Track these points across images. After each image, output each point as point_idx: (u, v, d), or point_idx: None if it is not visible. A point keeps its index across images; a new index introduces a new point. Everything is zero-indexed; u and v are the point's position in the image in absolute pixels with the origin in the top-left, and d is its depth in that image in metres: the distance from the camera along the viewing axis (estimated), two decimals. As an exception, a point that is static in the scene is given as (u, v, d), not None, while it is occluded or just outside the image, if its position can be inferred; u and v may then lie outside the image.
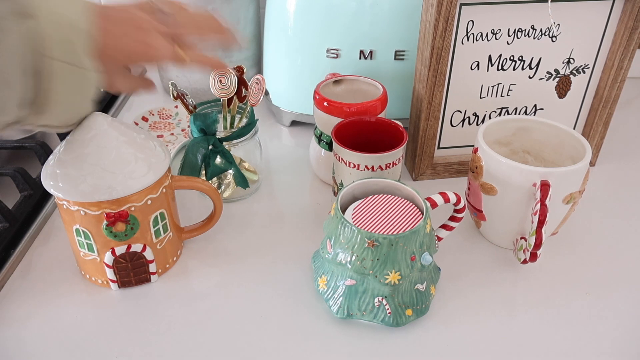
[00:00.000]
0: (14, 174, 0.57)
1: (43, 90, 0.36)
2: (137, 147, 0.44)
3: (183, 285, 0.49)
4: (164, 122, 0.74)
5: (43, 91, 0.36)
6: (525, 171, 0.46)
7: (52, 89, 0.36)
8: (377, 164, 0.51)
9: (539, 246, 0.45)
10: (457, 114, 0.62)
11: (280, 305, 0.47)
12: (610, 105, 0.62)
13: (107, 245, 0.45)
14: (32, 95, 0.36)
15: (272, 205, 0.60)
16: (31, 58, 0.35)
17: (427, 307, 0.45)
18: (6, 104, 0.35)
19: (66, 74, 0.36)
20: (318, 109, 0.59)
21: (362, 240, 0.41)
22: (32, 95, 0.36)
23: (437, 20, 0.53)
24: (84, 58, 0.37)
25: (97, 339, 0.44)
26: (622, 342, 0.44)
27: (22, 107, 0.36)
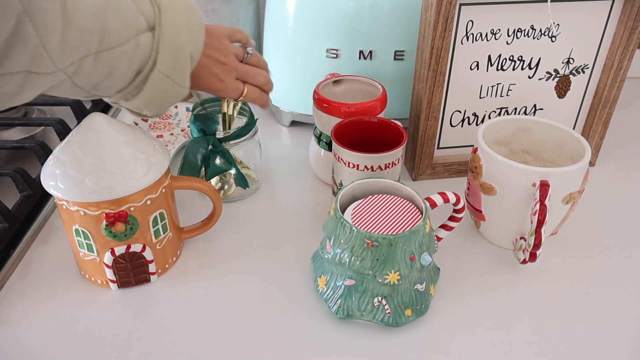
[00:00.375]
0: (13, 174, 0.57)
1: (138, 87, 0.42)
2: (136, 147, 0.44)
3: (183, 285, 0.49)
4: (163, 122, 0.74)
5: (138, 87, 0.42)
6: (524, 171, 0.46)
7: (145, 89, 0.42)
8: (377, 164, 0.51)
9: (539, 246, 0.45)
10: (456, 114, 0.62)
11: (280, 305, 0.47)
12: (610, 105, 0.62)
13: (107, 246, 0.45)
14: (128, 86, 0.42)
15: (272, 206, 0.60)
16: (146, 66, 0.41)
17: (426, 307, 0.45)
18: (108, 91, 0.42)
19: (161, 83, 0.42)
20: (318, 109, 0.59)
21: (362, 240, 0.41)
22: (128, 87, 0.42)
23: (437, 20, 0.53)
24: (184, 79, 0.44)
25: (97, 339, 0.44)
26: (622, 342, 0.44)
27: (117, 92, 0.43)
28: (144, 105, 0.44)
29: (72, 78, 0.37)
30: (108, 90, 0.42)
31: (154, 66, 0.41)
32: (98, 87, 0.40)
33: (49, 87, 0.37)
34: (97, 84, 0.40)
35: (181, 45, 0.42)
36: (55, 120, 0.67)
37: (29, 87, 0.36)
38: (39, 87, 0.36)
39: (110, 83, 0.40)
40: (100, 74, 0.39)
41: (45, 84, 0.37)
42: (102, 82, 0.40)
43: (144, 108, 0.44)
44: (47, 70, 0.35)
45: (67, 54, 0.36)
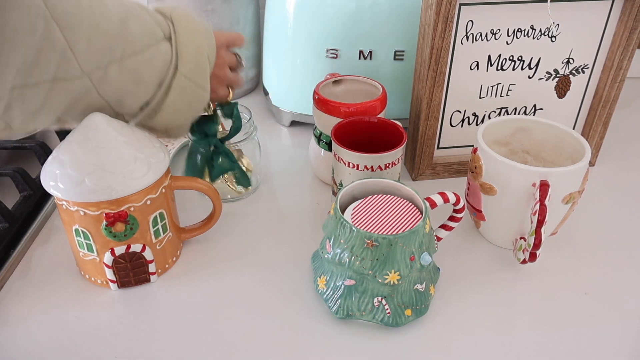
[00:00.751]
0: (13, 174, 0.57)
1: (161, 99, 0.43)
2: (136, 147, 0.44)
3: (182, 285, 0.49)
4: (163, 122, 0.73)
5: (161, 99, 0.43)
6: (524, 171, 0.46)
7: (170, 99, 0.43)
8: (377, 164, 0.51)
9: (538, 246, 0.45)
10: (456, 114, 0.62)
11: (280, 305, 0.47)
12: (610, 105, 0.62)
13: (107, 246, 0.45)
14: (151, 100, 0.42)
15: (272, 206, 0.60)
16: (168, 72, 0.42)
17: (426, 307, 0.45)
18: (133, 105, 0.42)
19: (185, 88, 0.43)
20: (317, 109, 0.59)
21: (362, 240, 0.41)
22: (151, 100, 0.42)
23: (437, 20, 0.53)
24: (205, 81, 0.45)
25: (97, 339, 0.44)
26: (622, 342, 0.44)
27: (140, 108, 0.43)
28: (170, 117, 0.44)
29: (98, 87, 0.38)
30: (133, 105, 0.42)
31: (176, 71, 0.42)
32: (122, 101, 0.41)
33: (73, 98, 0.37)
34: (121, 97, 0.40)
35: (199, 47, 0.44)
36: (55, 120, 0.67)
37: (53, 99, 0.36)
38: (63, 97, 0.37)
39: (135, 95, 0.41)
40: (124, 82, 0.39)
41: (70, 94, 0.37)
42: (126, 94, 0.40)
43: (170, 122, 0.45)
44: (74, 74, 0.36)
45: (94, 57, 0.37)
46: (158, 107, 0.43)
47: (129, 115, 0.44)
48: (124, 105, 0.42)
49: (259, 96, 0.84)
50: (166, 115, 0.44)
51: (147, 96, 0.42)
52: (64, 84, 0.36)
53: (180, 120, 0.46)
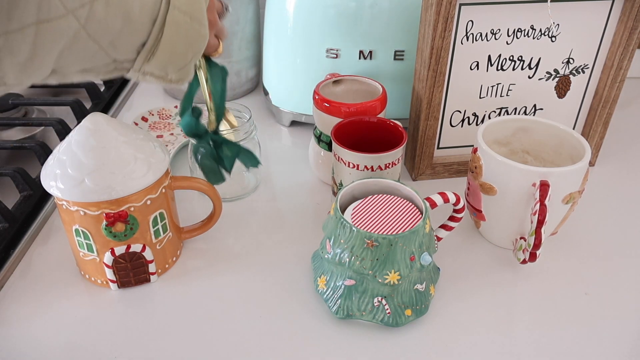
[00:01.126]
0: (13, 174, 0.57)
1: (157, 37, 0.39)
2: (136, 147, 0.44)
3: (183, 285, 0.49)
4: (163, 122, 0.74)
5: (156, 38, 0.39)
6: (524, 171, 0.46)
7: (166, 36, 0.39)
8: (377, 164, 0.51)
9: (539, 246, 0.45)
10: (456, 114, 0.62)
11: (280, 305, 0.47)
12: (610, 105, 0.62)
13: (107, 246, 0.45)
14: (147, 40, 0.39)
15: (272, 205, 0.60)
16: (162, 7, 0.38)
17: (426, 307, 0.45)
18: (128, 47, 0.39)
19: (182, 24, 0.40)
20: (317, 109, 0.59)
21: (362, 240, 0.41)
22: (147, 40, 0.39)
23: (437, 20, 0.53)
24: (202, 15, 0.41)
25: (97, 339, 0.44)
26: (622, 342, 0.44)
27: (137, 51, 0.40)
28: (168, 58, 0.41)
29: (86, 27, 0.35)
30: (128, 47, 0.39)
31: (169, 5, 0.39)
32: (116, 43, 0.38)
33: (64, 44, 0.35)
34: (113, 39, 0.37)
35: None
36: (55, 120, 0.67)
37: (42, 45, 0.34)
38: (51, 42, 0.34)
39: (128, 35, 0.38)
40: (113, 19, 0.36)
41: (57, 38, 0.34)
42: (118, 34, 0.37)
43: (169, 64, 0.41)
44: (58, 13, 0.33)
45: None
46: (155, 47, 0.40)
47: (127, 61, 0.41)
48: (118, 48, 0.38)
49: (259, 96, 0.84)
50: (164, 56, 0.40)
51: (141, 36, 0.39)
52: (49, 25, 0.33)
53: (180, 61, 0.42)
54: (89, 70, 0.40)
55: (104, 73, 0.41)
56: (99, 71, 0.40)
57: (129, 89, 0.86)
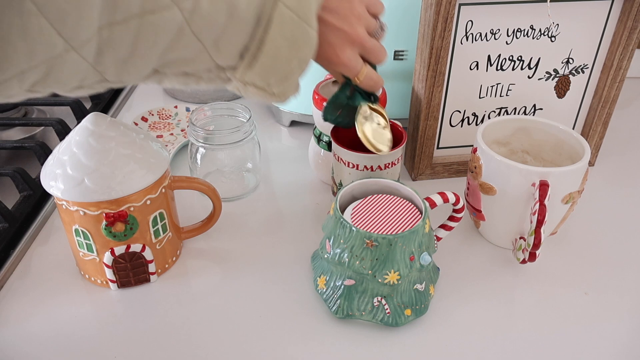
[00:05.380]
0: (13, 174, 0.57)
1: (260, 39, 0.36)
2: (136, 147, 0.44)
3: (182, 285, 0.49)
4: (163, 122, 0.74)
5: (260, 39, 0.36)
6: (524, 171, 0.46)
7: (269, 37, 0.36)
8: (376, 164, 0.51)
9: (538, 246, 0.45)
10: (456, 114, 0.62)
11: (280, 305, 0.47)
12: (610, 105, 0.62)
13: (107, 246, 0.45)
14: (250, 42, 0.37)
15: (272, 205, 0.60)
16: (269, 4, 0.36)
17: (426, 307, 0.45)
18: (231, 49, 0.36)
19: (288, 24, 0.37)
20: (317, 109, 0.59)
21: (361, 240, 0.41)
22: (250, 43, 0.37)
23: (436, 20, 0.53)
24: (311, 14, 0.38)
25: (97, 339, 0.44)
26: (621, 342, 0.44)
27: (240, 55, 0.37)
28: (271, 63, 0.38)
29: (190, 22, 0.33)
30: (231, 48, 0.36)
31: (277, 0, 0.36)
32: (219, 43, 0.36)
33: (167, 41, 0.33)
34: (217, 37, 0.35)
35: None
36: (55, 120, 0.67)
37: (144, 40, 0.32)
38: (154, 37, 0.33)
39: (231, 33, 0.35)
40: (218, 14, 0.34)
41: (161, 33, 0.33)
42: (222, 31, 0.35)
43: (272, 71, 0.38)
44: (162, 5, 0.32)
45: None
46: (258, 51, 0.37)
47: (229, 68, 0.38)
48: (221, 48, 0.36)
49: (259, 96, 0.84)
50: (267, 61, 0.37)
51: (244, 35, 0.36)
52: (153, 18, 0.32)
53: (284, 68, 0.39)
54: (190, 75, 0.38)
55: (205, 80, 0.39)
56: (200, 77, 0.38)
57: (128, 89, 0.86)
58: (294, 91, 0.42)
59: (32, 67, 0.30)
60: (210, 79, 0.39)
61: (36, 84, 0.31)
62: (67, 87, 0.33)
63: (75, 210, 0.43)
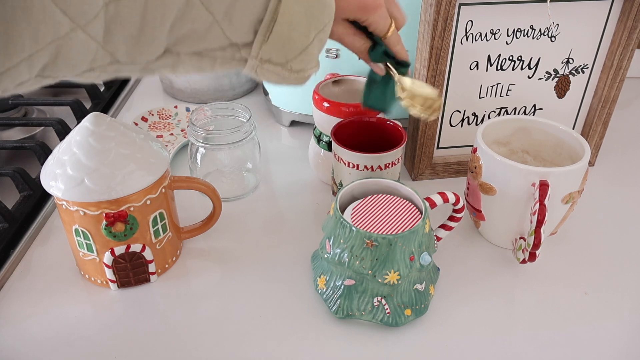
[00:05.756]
0: (13, 174, 0.57)
1: (274, 8, 0.35)
2: (136, 147, 0.44)
3: (182, 285, 0.49)
4: (163, 122, 0.74)
5: (274, 9, 0.35)
6: (524, 171, 0.46)
7: (284, 6, 0.35)
8: (377, 164, 0.51)
9: (538, 246, 0.45)
10: (456, 114, 0.62)
11: (280, 305, 0.47)
12: (610, 105, 0.62)
13: (107, 246, 0.45)
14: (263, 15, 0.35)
15: (272, 205, 0.60)
16: None
17: (426, 307, 0.45)
18: (244, 21, 0.35)
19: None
20: (317, 109, 0.59)
21: (361, 240, 0.41)
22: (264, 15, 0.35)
23: (436, 20, 0.53)
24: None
25: (97, 339, 0.44)
26: (621, 342, 0.44)
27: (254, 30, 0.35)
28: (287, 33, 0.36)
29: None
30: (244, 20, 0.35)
31: None
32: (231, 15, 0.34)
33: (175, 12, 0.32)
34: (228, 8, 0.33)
35: None
36: (55, 120, 0.67)
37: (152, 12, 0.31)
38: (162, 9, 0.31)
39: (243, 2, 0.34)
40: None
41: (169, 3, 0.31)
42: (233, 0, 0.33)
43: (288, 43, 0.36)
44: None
45: None
46: (273, 22, 0.35)
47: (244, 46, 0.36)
48: (233, 21, 0.34)
49: (259, 96, 0.85)
50: (283, 30, 0.35)
51: (257, 7, 0.34)
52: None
53: (301, 39, 0.37)
54: (203, 57, 0.36)
55: (220, 62, 0.37)
56: (215, 58, 0.36)
57: (128, 89, 0.86)
58: (314, 68, 0.40)
59: (39, 50, 0.29)
60: (225, 59, 0.37)
61: (46, 67, 0.30)
62: (78, 70, 0.32)
63: (75, 210, 0.43)
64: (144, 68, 0.35)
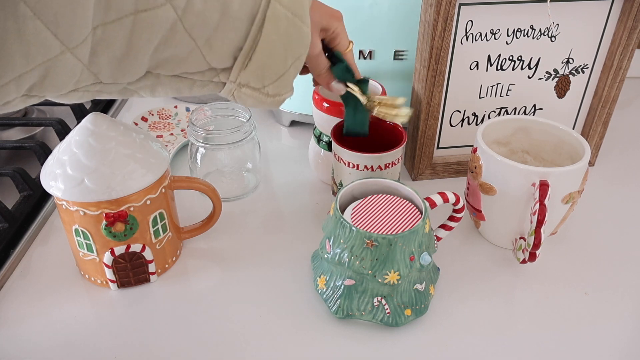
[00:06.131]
0: (13, 174, 0.57)
1: (254, 37, 0.36)
2: (136, 147, 0.44)
3: (182, 285, 0.49)
4: (163, 122, 0.74)
5: (254, 38, 0.36)
6: (524, 171, 0.46)
7: (264, 35, 0.36)
8: (377, 164, 0.51)
9: (538, 246, 0.45)
10: (456, 114, 0.62)
11: (280, 305, 0.47)
12: (610, 105, 0.62)
13: (107, 246, 0.45)
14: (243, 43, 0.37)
15: (272, 206, 0.60)
16: (263, 2, 0.36)
17: (426, 307, 0.45)
18: (224, 49, 0.36)
19: (282, 21, 0.37)
20: (317, 109, 0.59)
21: (361, 240, 0.41)
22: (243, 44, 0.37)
23: (436, 20, 0.53)
24: (304, 11, 0.38)
25: (96, 339, 0.44)
26: (621, 342, 0.44)
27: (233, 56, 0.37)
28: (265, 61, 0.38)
29: (183, 18, 0.33)
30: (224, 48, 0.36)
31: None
32: (212, 42, 0.35)
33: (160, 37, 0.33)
34: (210, 35, 0.35)
35: None
36: (55, 120, 0.67)
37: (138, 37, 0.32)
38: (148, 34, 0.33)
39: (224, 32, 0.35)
40: (211, 12, 0.34)
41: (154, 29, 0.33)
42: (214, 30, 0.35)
43: (266, 69, 0.38)
44: (155, 3, 0.32)
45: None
46: (252, 51, 0.37)
47: (223, 71, 0.38)
48: (214, 47, 0.36)
49: (259, 96, 0.84)
50: (262, 58, 0.37)
51: (238, 35, 0.36)
52: (146, 15, 0.32)
53: (279, 66, 0.39)
54: (183, 79, 0.38)
55: (198, 85, 0.39)
56: (193, 81, 0.38)
57: (128, 89, 0.86)
58: (288, 92, 0.42)
59: (29, 70, 0.29)
60: (203, 82, 0.39)
61: (33, 87, 0.31)
62: (63, 90, 0.33)
63: (75, 210, 0.43)
64: (124, 89, 0.36)
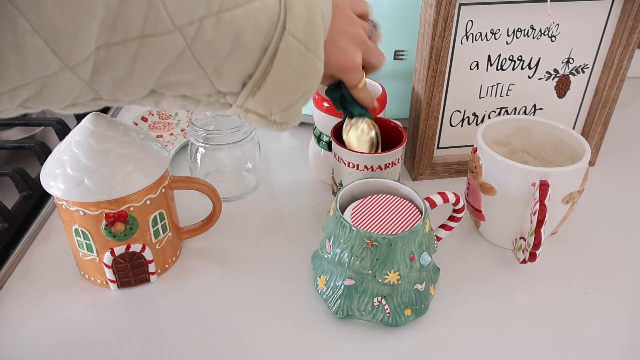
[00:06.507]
0: (13, 174, 0.57)
1: (265, 68, 0.35)
2: (136, 147, 0.44)
3: (182, 285, 0.49)
4: (163, 122, 0.74)
5: (265, 69, 0.35)
6: (524, 171, 0.46)
7: (275, 67, 0.35)
8: (377, 163, 0.51)
9: (538, 246, 0.45)
10: (456, 114, 0.62)
11: (279, 305, 0.47)
12: (610, 105, 0.62)
13: (106, 246, 0.45)
14: (254, 72, 0.36)
15: (272, 206, 0.60)
16: (276, 34, 0.35)
17: (426, 307, 0.45)
18: (233, 77, 0.35)
19: (295, 54, 0.36)
20: (317, 109, 0.59)
21: (361, 240, 0.41)
22: (254, 72, 0.36)
23: (436, 20, 0.53)
24: (319, 45, 0.37)
25: (96, 339, 0.44)
26: (621, 342, 0.44)
27: (242, 83, 0.36)
28: (275, 93, 0.37)
29: (192, 46, 0.32)
30: (233, 76, 0.35)
31: (284, 31, 0.35)
32: (221, 69, 0.34)
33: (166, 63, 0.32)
34: (219, 64, 0.34)
35: (311, 3, 0.36)
36: (55, 120, 0.67)
37: (143, 62, 0.31)
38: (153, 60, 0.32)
39: (234, 60, 0.34)
40: (221, 41, 0.33)
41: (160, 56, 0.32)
42: (224, 59, 0.34)
43: (275, 100, 0.37)
44: (164, 29, 0.31)
45: (186, 7, 0.31)
46: (262, 80, 0.36)
47: (230, 95, 0.37)
48: (223, 76, 0.35)
49: (259, 96, 0.84)
50: (271, 90, 0.36)
51: (249, 65, 0.35)
52: (153, 41, 0.31)
53: (288, 97, 0.38)
54: (188, 98, 0.37)
55: (204, 104, 0.38)
56: (199, 101, 0.37)
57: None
58: (296, 120, 0.41)
59: (24, 84, 0.29)
60: (210, 103, 0.38)
61: (28, 100, 0.30)
62: (61, 105, 0.32)
63: (75, 210, 0.43)
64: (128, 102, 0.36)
